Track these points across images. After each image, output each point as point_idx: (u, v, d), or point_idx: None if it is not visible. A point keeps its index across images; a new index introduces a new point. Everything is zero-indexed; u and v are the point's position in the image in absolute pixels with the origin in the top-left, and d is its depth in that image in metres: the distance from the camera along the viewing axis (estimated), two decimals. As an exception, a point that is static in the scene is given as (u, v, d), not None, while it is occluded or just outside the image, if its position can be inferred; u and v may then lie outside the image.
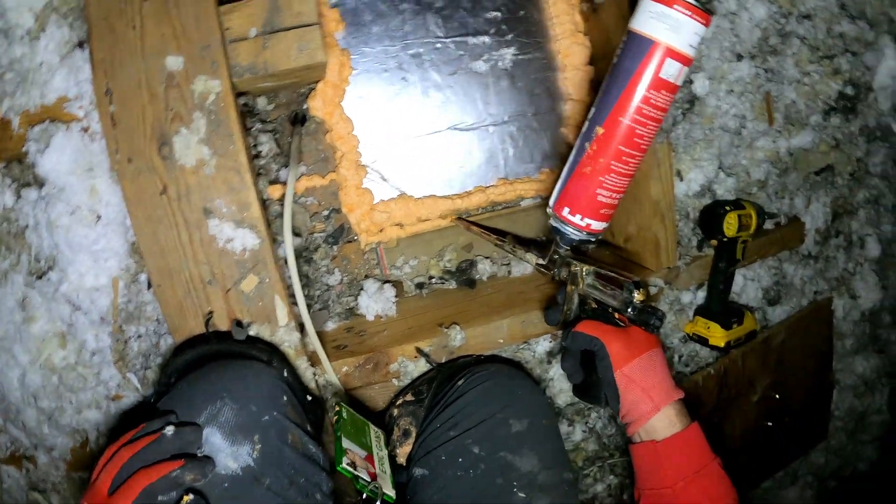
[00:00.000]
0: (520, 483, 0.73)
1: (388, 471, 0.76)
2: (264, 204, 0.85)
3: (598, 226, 0.77)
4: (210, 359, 0.71)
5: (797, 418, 1.23)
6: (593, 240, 0.80)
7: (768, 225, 1.09)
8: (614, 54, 0.72)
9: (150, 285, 0.81)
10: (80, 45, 0.77)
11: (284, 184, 0.88)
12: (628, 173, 0.74)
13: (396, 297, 0.97)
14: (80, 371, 0.83)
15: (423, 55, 0.96)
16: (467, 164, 1.01)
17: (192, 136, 0.73)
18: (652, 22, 0.67)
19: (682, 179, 0.99)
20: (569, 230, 0.78)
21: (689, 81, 0.95)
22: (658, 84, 0.69)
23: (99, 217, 0.78)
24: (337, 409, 0.77)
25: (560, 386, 1.00)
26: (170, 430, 0.60)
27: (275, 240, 0.84)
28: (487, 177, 1.02)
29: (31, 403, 0.83)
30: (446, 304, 0.97)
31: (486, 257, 1.05)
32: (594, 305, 0.80)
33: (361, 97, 0.94)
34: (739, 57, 0.99)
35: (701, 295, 1.05)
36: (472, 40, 0.97)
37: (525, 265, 1.03)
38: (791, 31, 1.03)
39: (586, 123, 0.75)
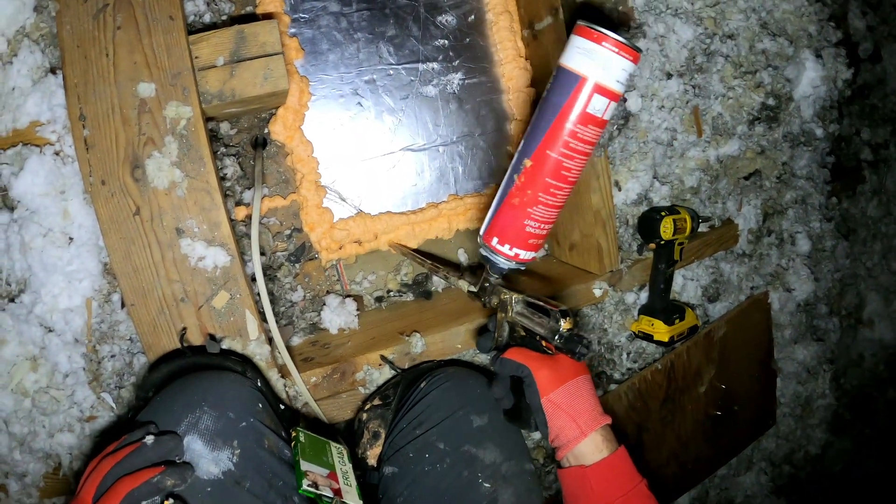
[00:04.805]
0: (484, 474, 0.79)
1: (354, 483, 0.80)
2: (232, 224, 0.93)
3: (526, 255, 0.80)
4: (186, 372, 0.77)
5: (744, 406, 1.36)
6: (523, 268, 0.83)
7: (704, 228, 1.22)
8: (544, 88, 0.75)
9: (123, 305, 0.85)
10: (53, 70, 0.81)
11: (248, 205, 0.96)
12: (556, 205, 0.77)
13: (358, 310, 1.04)
14: (53, 394, 0.86)
15: (377, 81, 1.05)
16: (420, 182, 1.10)
17: (165, 159, 0.79)
18: (580, 58, 0.70)
19: (620, 189, 1.09)
20: (498, 259, 0.81)
21: (623, 99, 1.06)
22: (586, 119, 0.71)
23: (71, 239, 0.82)
24: (294, 434, 0.79)
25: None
26: (150, 439, 0.65)
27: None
28: (439, 193, 1.11)
29: (2, 429, 0.86)
30: (405, 316, 1.05)
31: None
32: (523, 333, 0.83)
33: (320, 121, 1.03)
34: (669, 75, 1.11)
35: (643, 295, 1.16)
36: (422, 66, 1.07)
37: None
38: (716, 50, 1.17)
39: (515, 155, 0.77)
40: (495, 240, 0.80)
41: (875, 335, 1.62)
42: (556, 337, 0.75)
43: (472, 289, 0.88)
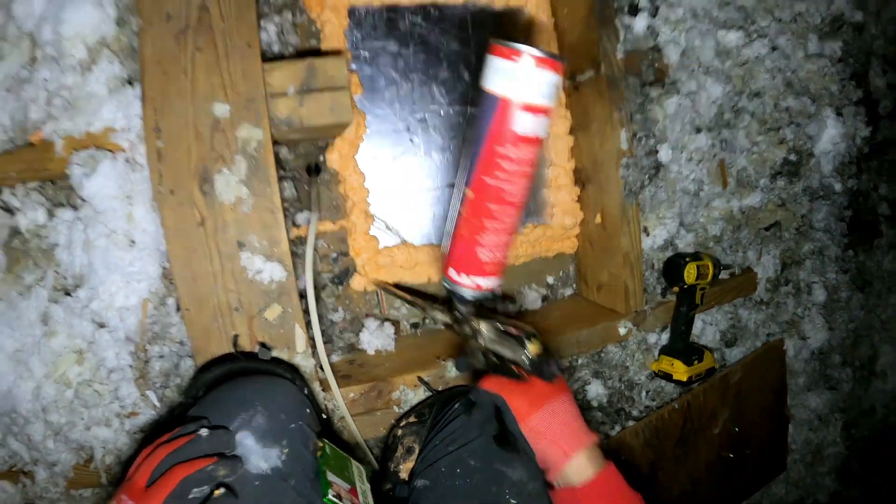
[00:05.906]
0: (511, 491, 0.81)
1: (371, 502, 0.82)
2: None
3: (486, 283, 0.78)
4: (238, 374, 0.80)
5: (757, 450, 1.38)
6: (490, 296, 0.81)
7: (724, 275, 1.26)
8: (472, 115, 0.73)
9: (178, 309, 0.87)
10: (130, 82, 0.84)
11: (300, 226, 1.01)
12: (505, 229, 0.75)
13: (395, 334, 1.07)
14: (96, 387, 0.87)
15: (429, 120, 1.10)
16: (463, 217, 1.15)
17: (233, 176, 0.83)
18: (499, 79, 0.66)
19: (648, 235, 1.14)
20: (461, 290, 0.80)
21: (654, 151, 1.12)
22: (516, 139, 0.68)
23: (133, 242, 0.85)
24: (320, 444, 0.80)
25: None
26: (204, 431, 0.68)
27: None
28: (479, 229, 1.15)
29: (39, 417, 0.88)
30: (440, 342, 1.08)
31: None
32: (495, 360, 0.83)
33: (373, 155, 1.08)
34: (698, 129, 1.17)
35: (665, 336, 1.20)
36: (470, 109, 1.12)
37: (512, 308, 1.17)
38: (743, 108, 1.23)
39: (456, 186, 0.76)
40: (452, 271, 0.79)
41: (887, 387, 1.64)
42: (526, 361, 0.76)
43: (447, 320, 0.89)
